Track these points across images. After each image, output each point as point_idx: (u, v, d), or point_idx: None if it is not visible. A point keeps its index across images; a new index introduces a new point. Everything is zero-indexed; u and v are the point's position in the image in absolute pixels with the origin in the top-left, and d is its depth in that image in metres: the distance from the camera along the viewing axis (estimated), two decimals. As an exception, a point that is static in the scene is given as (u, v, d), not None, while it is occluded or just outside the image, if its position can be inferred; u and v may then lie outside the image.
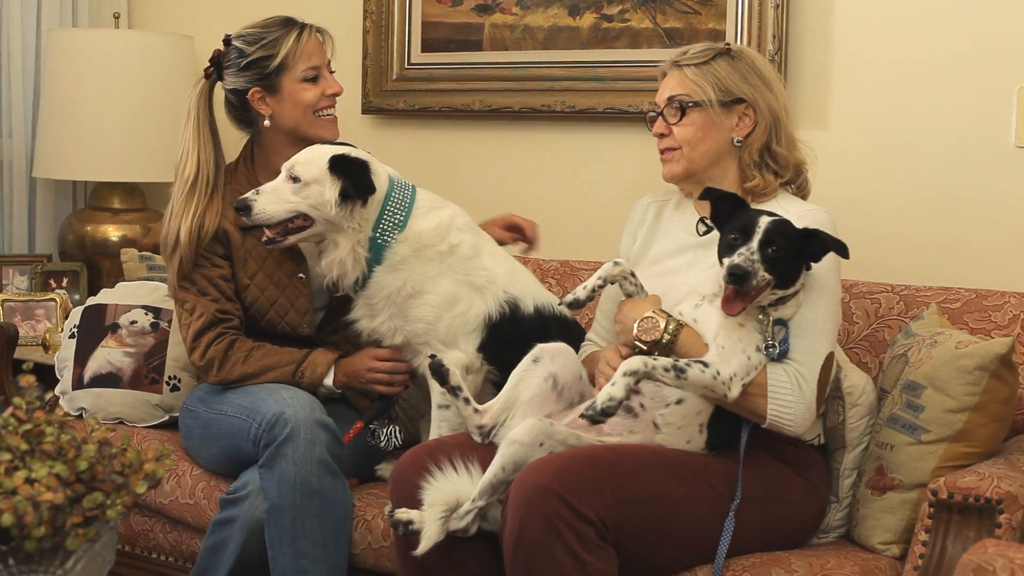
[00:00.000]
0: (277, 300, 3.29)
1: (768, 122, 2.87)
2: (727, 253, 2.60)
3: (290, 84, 3.26)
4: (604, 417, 2.55)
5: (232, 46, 3.30)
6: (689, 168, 2.91)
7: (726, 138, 2.89)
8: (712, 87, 2.86)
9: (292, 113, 3.27)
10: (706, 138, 2.88)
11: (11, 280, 4.45)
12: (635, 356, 2.61)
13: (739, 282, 2.57)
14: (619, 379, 2.55)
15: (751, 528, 2.69)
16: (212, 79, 3.34)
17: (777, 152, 2.88)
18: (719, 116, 2.87)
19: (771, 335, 2.65)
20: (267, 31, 3.28)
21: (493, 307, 3.08)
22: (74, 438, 2.12)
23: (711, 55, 2.88)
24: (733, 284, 2.57)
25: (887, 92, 3.43)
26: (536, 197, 3.95)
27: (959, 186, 3.34)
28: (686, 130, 2.88)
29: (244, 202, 3.07)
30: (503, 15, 3.95)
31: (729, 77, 2.86)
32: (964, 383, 2.74)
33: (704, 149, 2.89)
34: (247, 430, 3.09)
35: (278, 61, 3.25)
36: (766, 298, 2.63)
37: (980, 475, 2.59)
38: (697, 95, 2.87)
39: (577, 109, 3.83)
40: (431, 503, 2.68)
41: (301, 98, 3.26)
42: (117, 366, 3.62)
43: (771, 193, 2.89)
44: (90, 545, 2.09)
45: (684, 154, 2.90)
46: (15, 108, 4.51)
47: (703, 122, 2.88)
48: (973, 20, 3.32)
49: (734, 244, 2.60)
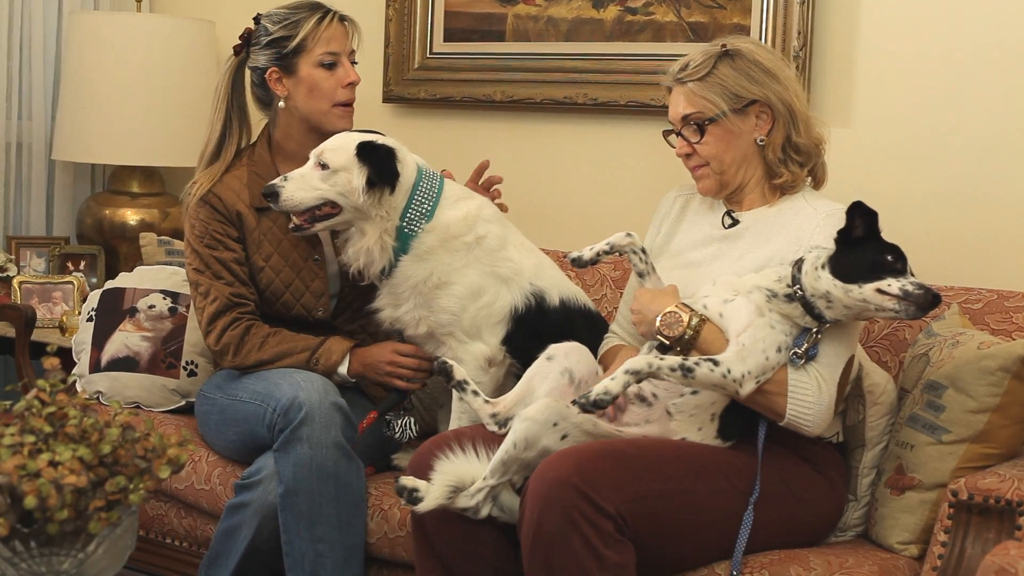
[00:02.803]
0: (292, 282, 3.29)
1: (785, 116, 2.85)
2: (882, 272, 2.58)
3: (307, 67, 3.27)
4: (595, 408, 2.57)
5: (260, 24, 3.33)
6: (722, 180, 2.90)
7: (749, 140, 2.88)
8: (722, 98, 2.84)
9: (306, 98, 3.28)
10: (730, 147, 2.87)
11: (28, 262, 4.46)
12: (640, 356, 2.61)
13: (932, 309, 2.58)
14: (620, 376, 2.56)
15: (769, 525, 2.69)
16: (241, 57, 3.36)
17: (798, 143, 2.87)
18: (736, 123, 2.85)
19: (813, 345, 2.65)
20: (294, 12, 3.30)
21: (519, 299, 3.07)
22: (97, 421, 2.11)
23: (711, 64, 2.85)
24: (927, 308, 2.57)
25: (912, 89, 3.42)
26: (557, 189, 3.95)
27: (983, 184, 3.33)
28: (709, 147, 2.87)
29: (272, 188, 3.07)
30: (526, 6, 3.94)
31: (736, 82, 2.84)
32: (986, 384, 2.72)
33: (731, 158, 2.88)
34: (262, 415, 3.09)
35: (296, 42, 3.26)
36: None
37: (1001, 476, 2.58)
38: (710, 111, 2.85)
39: (599, 102, 3.82)
40: (440, 473, 2.68)
41: (316, 84, 3.27)
42: (135, 350, 3.63)
43: (799, 186, 2.89)
44: (112, 529, 2.09)
45: (713, 169, 2.89)
46: (36, 90, 4.52)
47: (723, 134, 2.86)
48: (999, 16, 3.30)
49: (894, 267, 2.58)
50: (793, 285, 2.65)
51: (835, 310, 2.63)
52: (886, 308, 2.57)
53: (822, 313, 2.64)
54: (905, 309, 2.56)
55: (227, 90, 3.36)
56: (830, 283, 2.61)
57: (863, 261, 2.60)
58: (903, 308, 2.56)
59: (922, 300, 2.55)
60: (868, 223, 2.63)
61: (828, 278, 2.61)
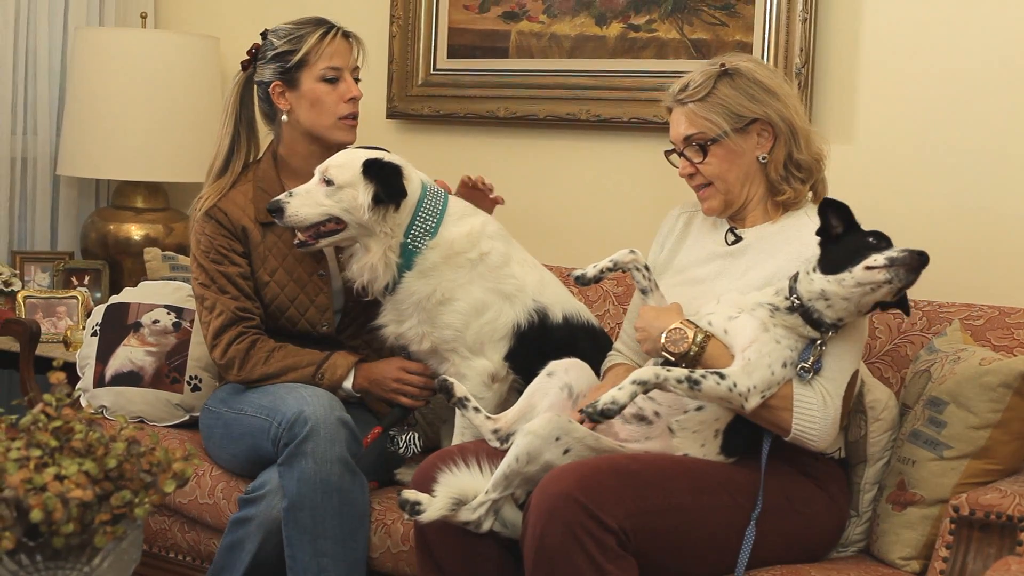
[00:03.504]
0: (297, 297, 3.30)
1: (786, 133, 2.86)
2: (867, 252, 2.58)
3: (309, 81, 3.29)
4: (602, 418, 2.57)
5: (267, 39, 3.36)
6: (727, 199, 2.91)
7: (751, 159, 2.89)
8: (723, 117, 2.84)
9: (308, 113, 3.30)
10: (733, 167, 2.88)
11: (33, 277, 4.47)
12: (647, 367, 2.62)
13: (923, 268, 2.56)
14: (627, 386, 2.56)
15: (771, 540, 2.70)
16: (249, 72, 3.38)
17: (800, 160, 2.88)
18: (739, 142, 2.86)
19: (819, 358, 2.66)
20: (299, 27, 3.33)
21: (522, 315, 3.08)
22: (103, 436, 2.13)
23: (711, 84, 2.86)
24: (918, 268, 2.56)
25: (914, 105, 3.43)
26: (560, 205, 3.96)
27: (984, 201, 3.34)
28: (712, 167, 2.88)
29: (277, 204, 3.09)
30: (530, 23, 3.96)
31: (736, 101, 2.84)
32: (987, 400, 2.73)
33: (735, 176, 2.89)
34: (267, 429, 3.10)
35: (300, 56, 3.28)
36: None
37: (1002, 492, 2.58)
38: (711, 131, 2.86)
39: (602, 118, 3.84)
40: (443, 485, 2.69)
41: (319, 98, 3.29)
42: (139, 365, 3.63)
43: (802, 203, 2.91)
44: (117, 543, 2.10)
45: (718, 188, 2.90)
46: (40, 106, 4.52)
47: (725, 154, 2.87)
48: (1001, 32, 3.31)
49: (878, 246, 2.59)
50: (791, 295, 2.67)
51: (835, 307, 2.63)
52: (879, 281, 2.57)
53: (822, 318, 2.64)
54: (896, 274, 2.56)
55: (235, 105, 3.38)
56: (823, 281, 2.62)
57: (847, 250, 2.62)
58: (894, 274, 2.55)
59: (910, 260, 2.55)
60: (843, 217, 2.66)
61: (820, 277, 2.63)
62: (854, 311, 2.65)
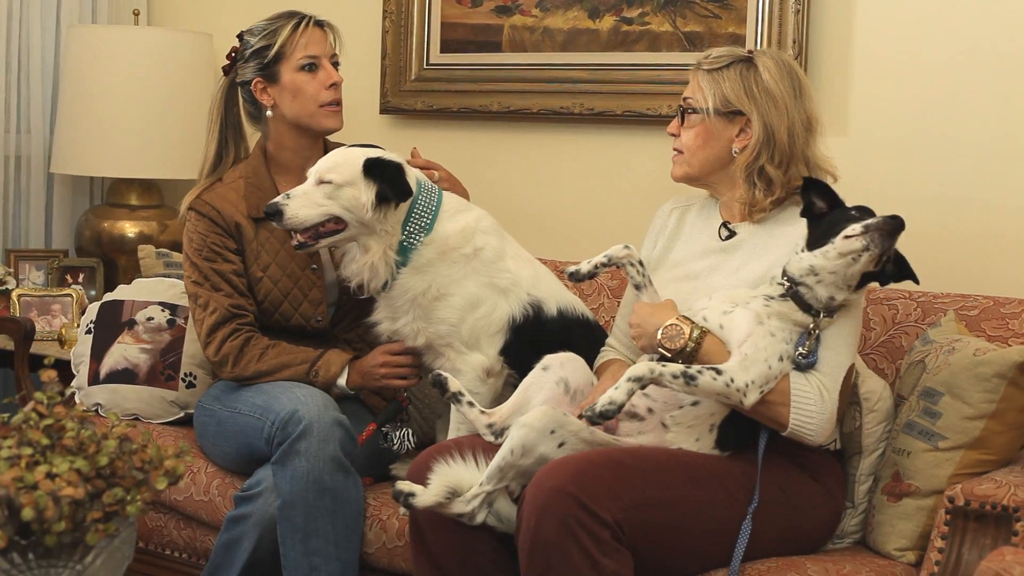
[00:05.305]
0: (290, 292, 3.30)
1: (762, 141, 2.82)
2: (846, 224, 2.60)
3: (288, 73, 3.31)
4: (601, 419, 2.57)
5: (244, 40, 3.38)
6: (688, 173, 2.92)
7: (726, 147, 2.87)
8: (713, 96, 2.84)
9: (291, 104, 3.31)
10: (704, 146, 2.88)
11: (27, 275, 4.46)
12: (642, 363, 2.61)
13: (898, 232, 2.57)
14: (623, 384, 2.56)
15: (767, 532, 2.69)
16: (232, 76, 3.38)
17: (770, 174, 2.83)
18: (716, 126, 2.86)
19: (814, 346, 2.65)
20: (272, 23, 3.35)
21: (517, 309, 3.07)
22: (94, 433, 2.12)
23: (727, 62, 2.86)
24: (893, 232, 2.57)
25: (907, 96, 3.43)
26: (554, 199, 3.95)
27: (979, 191, 3.34)
28: (688, 136, 2.89)
29: (275, 207, 3.06)
30: (523, 17, 3.95)
31: (733, 89, 2.84)
32: (982, 390, 2.73)
33: (703, 157, 2.88)
34: (261, 428, 3.10)
35: (276, 49, 3.30)
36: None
37: (997, 483, 2.58)
38: (698, 102, 2.87)
39: (596, 112, 3.83)
40: (438, 475, 2.69)
41: (300, 88, 3.30)
42: (133, 362, 3.63)
43: (763, 210, 2.86)
44: (109, 541, 2.09)
45: (685, 159, 2.91)
46: (34, 103, 4.52)
47: (700, 130, 2.87)
48: (993, 22, 3.31)
49: (860, 218, 2.61)
50: (783, 277, 2.67)
51: (824, 283, 2.64)
52: (857, 249, 2.58)
53: (815, 296, 2.65)
54: (872, 240, 2.57)
55: (220, 110, 3.39)
56: (810, 257, 2.64)
57: (830, 224, 2.65)
58: (870, 239, 2.57)
59: (883, 225, 2.57)
60: (824, 195, 2.69)
61: (807, 255, 2.65)
62: (843, 285, 2.65)
